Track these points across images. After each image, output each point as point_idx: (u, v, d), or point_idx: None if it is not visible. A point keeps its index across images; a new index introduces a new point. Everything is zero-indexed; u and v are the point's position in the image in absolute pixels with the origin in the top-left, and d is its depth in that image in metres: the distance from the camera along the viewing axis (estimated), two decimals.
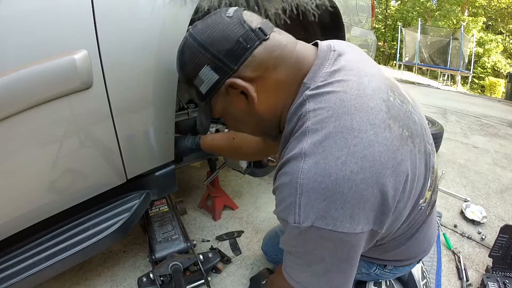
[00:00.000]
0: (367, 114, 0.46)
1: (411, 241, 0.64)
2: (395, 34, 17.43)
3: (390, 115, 0.48)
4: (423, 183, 0.53)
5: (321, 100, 0.48)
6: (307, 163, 0.44)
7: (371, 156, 0.43)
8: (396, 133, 0.47)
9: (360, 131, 0.44)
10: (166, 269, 0.92)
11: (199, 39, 0.51)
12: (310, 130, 0.46)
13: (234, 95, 0.53)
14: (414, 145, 0.50)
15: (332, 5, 1.26)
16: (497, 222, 1.50)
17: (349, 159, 0.43)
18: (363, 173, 0.43)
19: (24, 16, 0.55)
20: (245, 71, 0.51)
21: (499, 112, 4.56)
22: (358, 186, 0.42)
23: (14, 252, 0.71)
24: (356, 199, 0.43)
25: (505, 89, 8.03)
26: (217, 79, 0.51)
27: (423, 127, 0.56)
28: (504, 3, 15.71)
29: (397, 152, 0.46)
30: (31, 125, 0.60)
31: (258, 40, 0.50)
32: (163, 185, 0.93)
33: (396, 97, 0.52)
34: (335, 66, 0.51)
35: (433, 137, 2.16)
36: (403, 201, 0.49)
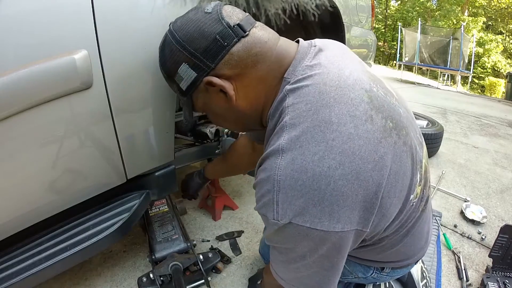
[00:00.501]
0: (347, 105, 0.44)
1: (407, 238, 0.62)
2: (395, 34, 17.43)
3: (373, 105, 0.46)
4: (410, 177, 0.50)
5: (300, 94, 0.47)
6: (284, 159, 0.43)
7: (351, 150, 0.42)
8: (378, 124, 0.45)
9: (339, 124, 0.43)
10: (166, 269, 0.92)
11: (177, 36, 0.52)
12: (288, 125, 0.46)
13: (213, 92, 0.54)
14: (399, 137, 0.48)
15: (332, 5, 1.26)
16: (497, 222, 1.51)
17: (327, 155, 0.41)
18: (341, 169, 0.41)
19: (24, 16, 0.55)
20: (223, 69, 0.51)
21: (499, 112, 4.56)
22: (337, 183, 0.41)
23: (14, 252, 0.71)
24: (335, 196, 0.41)
25: (505, 89, 8.04)
26: (195, 76, 0.52)
27: (409, 120, 0.55)
28: (504, 3, 15.71)
29: (379, 145, 0.44)
30: (31, 125, 0.60)
31: (236, 37, 0.49)
32: (163, 185, 0.93)
33: (379, 89, 0.51)
34: (316, 60, 0.51)
35: (433, 137, 2.15)
36: (389, 197, 0.46)
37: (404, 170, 0.48)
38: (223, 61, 0.50)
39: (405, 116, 0.53)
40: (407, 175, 0.49)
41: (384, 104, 0.49)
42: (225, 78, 0.52)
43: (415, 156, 0.52)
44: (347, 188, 0.42)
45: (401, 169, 0.48)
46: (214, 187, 1.40)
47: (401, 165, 0.48)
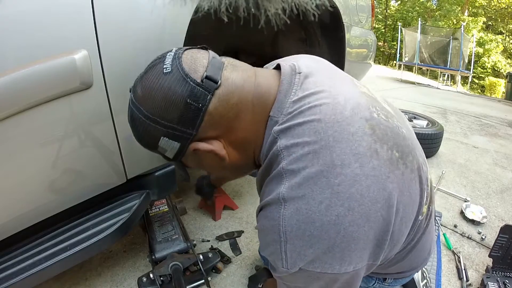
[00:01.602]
0: (348, 143, 0.41)
1: (411, 253, 0.62)
2: (395, 34, 17.43)
3: (376, 137, 0.43)
4: (419, 201, 0.48)
5: (293, 135, 0.43)
6: (288, 209, 0.41)
7: (359, 193, 0.39)
8: (384, 158, 0.42)
9: (343, 167, 0.40)
10: (166, 269, 0.92)
11: (145, 111, 0.45)
12: (287, 172, 0.42)
13: (203, 155, 0.50)
14: (406, 166, 0.45)
15: (332, 5, 1.26)
16: (497, 222, 1.51)
17: (334, 202, 0.39)
18: (351, 215, 0.39)
19: (24, 16, 0.55)
20: (206, 132, 0.47)
21: (499, 112, 4.56)
22: (347, 229, 0.39)
23: (14, 252, 0.71)
24: (346, 242, 0.39)
25: (505, 89, 8.04)
26: (179, 146, 0.48)
27: (411, 139, 0.52)
28: (504, 3, 15.72)
29: (387, 181, 0.41)
30: (31, 125, 0.60)
31: (209, 93, 0.44)
32: (163, 185, 0.93)
33: (380, 112, 0.48)
34: (303, 92, 0.46)
35: (433, 137, 2.14)
36: (399, 230, 0.45)
37: (413, 198, 0.47)
38: (203, 124, 0.45)
39: (408, 136, 0.50)
40: (416, 201, 0.48)
41: (387, 131, 0.45)
42: (210, 139, 0.48)
43: (422, 177, 0.49)
44: (358, 232, 0.40)
45: (411, 198, 0.46)
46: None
47: (410, 195, 0.46)
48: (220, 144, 0.49)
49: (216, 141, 0.48)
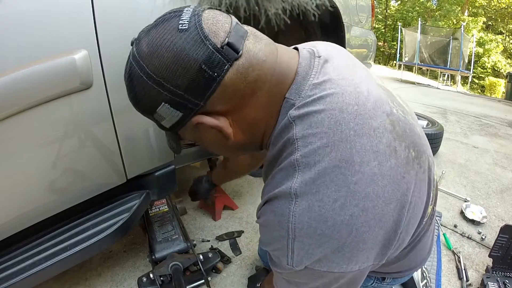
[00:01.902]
0: (369, 139, 0.39)
1: (412, 253, 0.61)
2: (395, 34, 17.43)
3: (396, 134, 0.41)
4: (425, 202, 0.47)
5: (311, 124, 0.39)
6: (299, 205, 0.38)
7: (375, 194, 0.38)
8: (402, 157, 0.41)
9: (361, 164, 0.38)
10: (166, 269, 0.92)
11: (148, 71, 0.39)
12: (301, 164, 0.39)
13: (205, 130, 0.44)
14: (420, 166, 0.44)
15: (332, 5, 1.26)
16: (497, 222, 1.50)
17: (349, 201, 0.37)
18: (364, 216, 0.37)
19: (25, 16, 0.55)
20: (215, 105, 0.40)
21: (499, 112, 4.56)
22: (359, 230, 0.38)
23: (14, 252, 0.71)
24: (356, 242, 0.38)
25: (505, 89, 8.04)
26: (180, 116, 0.41)
27: (425, 138, 0.50)
28: (504, 3, 15.72)
29: (402, 181, 0.40)
30: (31, 125, 0.60)
31: (228, 62, 0.38)
32: (163, 185, 0.93)
33: (398, 108, 0.46)
34: (323, 76, 0.43)
35: (433, 137, 2.14)
36: (406, 231, 0.44)
37: (422, 199, 0.45)
38: (214, 96, 0.39)
39: (422, 135, 0.49)
40: (423, 202, 0.46)
41: (406, 128, 0.44)
42: (218, 114, 0.42)
43: (431, 178, 0.48)
44: (369, 233, 0.38)
45: (420, 199, 0.45)
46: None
47: (420, 196, 0.44)
48: (227, 121, 0.43)
49: (223, 117, 0.42)
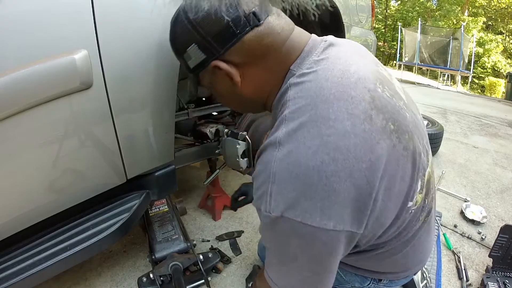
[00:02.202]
0: (346, 103, 0.44)
1: (407, 249, 0.61)
2: (395, 34, 17.42)
3: (374, 105, 0.46)
4: (410, 183, 0.49)
5: (302, 89, 0.47)
6: (281, 152, 0.44)
7: (346, 148, 0.42)
8: (378, 125, 0.45)
9: (335, 121, 0.43)
10: (166, 269, 0.92)
11: (190, 17, 0.49)
12: (287, 119, 0.46)
13: (220, 75, 0.53)
14: (400, 141, 0.47)
15: (332, 5, 1.26)
16: (497, 222, 1.51)
17: (321, 150, 0.41)
18: (334, 165, 0.41)
19: (25, 16, 0.55)
20: (231, 56, 0.50)
21: (499, 112, 4.56)
22: (329, 178, 0.41)
23: (14, 252, 0.71)
24: (327, 191, 0.41)
25: (505, 89, 8.03)
26: (203, 58, 0.51)
27: (416, 125, 0.54)
28: (504, 3, 15.71)
29: (376, 146, 0.43)
30: (31, 125, 0.60)
31: (249, 26, 0.48)
32: (163, 185, 0.93)
33: (386, 90, 0.50)
34: (324, 55, 0.51)
35: (433, 137, 2.14)
36: (383, 200, 0.46)
37: (402, 175, 0.47)
38: (233, 48, 0.49)
39: (412, 120, 0.52)
40: (405, 180, 0.49)
41: (387, 105, 0.48)
42: (232, 64, 0.51)
43: (418, 162, 0.50)
44: (339, 185, 0.41)
45: (399, 173, 0.47)
46: (214, 187, 1.40)
47: (398, 169, 0.47)
48: (238, 72, 0.52)
49: (236, 68, 0.52)
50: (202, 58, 0.51)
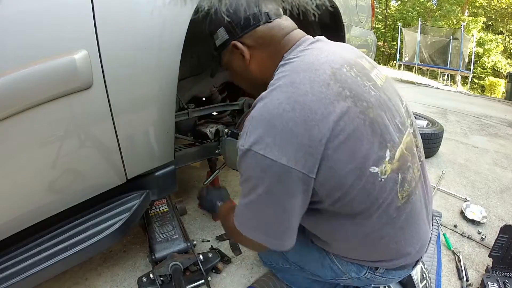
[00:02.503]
0: (310, 73, 0.57)
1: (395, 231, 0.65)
2: (395, 34, 17.43)
3: (334, 78, 0.57)
4: (370, 147, 0.57)
5: (286, 67, 0.62)
6: (261, 102, 0.58)
7: (303, 102, 0.54)
8: (333, 90, 0.56)
9: (299, 84, 0.56)
10: (166, 269, 0.92)
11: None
12: (270, 85, 0.61)
13: (236, 54, 0.70)
14: (356, 105, 0.56)
15: (332, 5, 1.26)
16: (497, 222, 1.51)
17: (285, 102, 0.54)
18: (293, 113, 0.53)
19: (25, 16, 0.55)
20: (246, 39, 0.68)
21: (499, 112, 4.57)
22: (288, 122, 0.53)
23: (14, 252, 0.71)
24: (285, 132, 0.53)
25: (505, 89, 8.04)
26: (227, 39, 0.69)
27: (386, 104, 0.63)
28: (504, 3, 15.72)
29: (330, 105, 0.54)
30: (31, 125, 0.60)
31: (262, 21, 0.66)
32: (163, 185, 0.93)
33: (352, 71, 0.61)
34: (309, 47, 0.65)
35: (433, 137, 2.14)
36: (335, 151, 0.54)
37: (358, 136, 0.56)
38: (248, 34, 0.67)
39: (377, 97, 0.62)
40: (363, 142, 0.56)
41: (347, 80, 0.59)
42: (245, 45, 0.68)
43: (381, 131, 0.59)
44: (295, 128, 0.52)
45: (354, 133, 0.55)
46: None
47: (354, 129, 0.55)
48: (248, 52, 0.69)
49: (247, 49, 0.68)
50: (226, 38, 0.69)
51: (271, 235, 0.62)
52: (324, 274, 0.82)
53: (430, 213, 0.78)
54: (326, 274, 0.81)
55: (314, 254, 0.81)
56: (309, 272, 0.86)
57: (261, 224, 0.62)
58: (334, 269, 0.79)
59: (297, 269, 0.90)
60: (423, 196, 0.73)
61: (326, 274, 0.81)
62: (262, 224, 0.62)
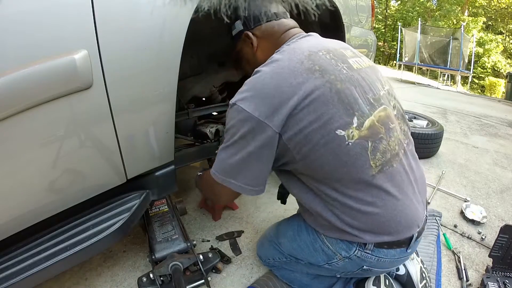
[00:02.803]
0: (289, 54, 0.72)
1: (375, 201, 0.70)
2: (395, 34, 17.44)
3: (309, 58, 0.70)
4: (335, 112, 0.67)
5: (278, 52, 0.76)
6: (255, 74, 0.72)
7: (280, 73, 0.68)
8: (305, 66, 0.69)
9: (281, 61, 0.70)
10: (166, 269, 0.92)
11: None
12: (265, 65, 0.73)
13: (247, 42, 0.86)
14: (323, 77, 0.68)
15: (332, 5, 1.26)
16: (497, 222, 1.51)
17: (268, 73, 0.69)
18: (270, 80, 0.67)
19: (25, 16, 0.55)
20: (256, 31, 0.84)
21: (499, 112, 4.57)
22: (265, 87, 0.67)
23: (14, 252, 0.71)
24: (262, 94, 0.67)
25: (505, 89, 8.04)
26: (241, 29, 0.85)
27: (358, 81, 0.73)
28: (504, 3, 15.72)
29: (299, 76, 0.67)
30: (31, 125, 0.60)
31: (270, 18, 0.83)
32: (163, 185, 0.93)
33: (329, 55, 0.74)
34: (300, 39, 0.80)
35: (433, 137, 2.14)
36: (302, 111, 0.65)
37: (323, 100, 0.66)
38: (258, 27, 0.83)
39: (349, 75, 0.72)
40: (328, 106, 0.66)
41: (320, 59, 0.71)
42: (255, 36, 0.84)
43: (350, 101, 0.69)
44: (270, 92, 0.66)
45: (320, 98, 0.66)
46: None
47: (319, 95, 0.66)
48: (256, 41, 0.85)
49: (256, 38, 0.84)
50: (241, 29, 0.85)
51: (240, 180, 0.71)
52: (317, 260, 0.84)
53: (422, 196, 0.82)
54: (318, 259, 0.83)
55: (306, 239, 0.85)
56: (304, 261, 0.88)
57: (233, 168, 0.71)
58: (325, 251, 0.81)
59: (293, 261, 0.92)
60: (408, 173, 0.77)
61: (318, 259, 0.83)
62: (234, 168, 0.71)
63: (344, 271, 0.85)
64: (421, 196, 0.81)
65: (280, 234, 0.96)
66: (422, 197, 0.82)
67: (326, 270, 0.86)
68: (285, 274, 1.00)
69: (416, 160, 0.85)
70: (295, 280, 0.99)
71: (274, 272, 1.04)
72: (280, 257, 0.96)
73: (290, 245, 0.91)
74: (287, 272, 0.99)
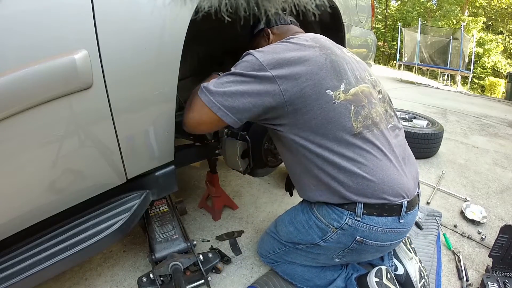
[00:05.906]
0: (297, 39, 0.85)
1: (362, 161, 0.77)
2: (395, 34, 17.44)
3: (312, 40, 0.86)
4: (325, 74, 0.79)
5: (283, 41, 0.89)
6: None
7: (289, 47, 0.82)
8: (308, 43, 0.84)
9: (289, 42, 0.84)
10: (166, 269, 0.92)
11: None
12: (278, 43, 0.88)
13: (263, 37, 1.05)
14: (321, 50, 0.82)
15: (332, 5, 1.26)
16: (497, 222, 1.51)
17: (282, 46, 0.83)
18: (280, 47, 0.81)
19: (25, 16, 0.55)
20: (272, 29, 1.04)
21: (499, 112, 4.56)
22: (276, 49, 0.81)
23: (14, 252, 0.71)
24: (272, 53, 0.79)
25: (505, 89, 8.04)
26: (262, 27, 1.05)
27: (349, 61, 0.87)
28: (504, 3, 15.72)
29: (302, 47, 0.82)
30: (31, 125, 0.60)
31: (284, 22, 1.05)
32: (163, 185, 0.93)
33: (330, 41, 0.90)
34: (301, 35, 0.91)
35: (433, 137, 2.15)
36: (300, 70, 0.77)
37: (318, 65, 0.79)
38: (275, 27, 1.04)
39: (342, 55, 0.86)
40: (322, 70, 0.79)
41: (321, 40, 0.87)
42: (272, 33, 1.03)
43: (340, 71, 0.82)
44: (278, 53, 0.79)
45: (315, 63, 0.79)
46: (214, 187, 1.40)
47: (316, 61, 0.79)
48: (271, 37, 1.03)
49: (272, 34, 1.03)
50: (262, 27, 1.05)
51: (226, 108, 0.76)
52: (313, 237, 0.86)
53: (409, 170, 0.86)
54: (314, 236, 0.86)
55: (301, 219, 0.91)
56: (302, 245, 0.90)
57: (225, 93, 0.76)
58: (319, 225, 0.85)
59: (291, 249, 0.94)
60: (391, 145, 0.83)
61: (314, 236, 0.86)
62: (226, 93, 0.76)
63: (340, 250, 0.85)
64: (407, 169, 0.86)
65: (278, 224, 1.00)
66: (409, 171, 0.86)
67: (324, 252, 0.88)
68: (286, 269, 1.01)
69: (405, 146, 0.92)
70: (296, 276, 0.99)
71: (275, 269, 1.05)
72: (280, 247, 0.98)
73: (287, 230, 0.95)
74: (288, 267, 1.00)
